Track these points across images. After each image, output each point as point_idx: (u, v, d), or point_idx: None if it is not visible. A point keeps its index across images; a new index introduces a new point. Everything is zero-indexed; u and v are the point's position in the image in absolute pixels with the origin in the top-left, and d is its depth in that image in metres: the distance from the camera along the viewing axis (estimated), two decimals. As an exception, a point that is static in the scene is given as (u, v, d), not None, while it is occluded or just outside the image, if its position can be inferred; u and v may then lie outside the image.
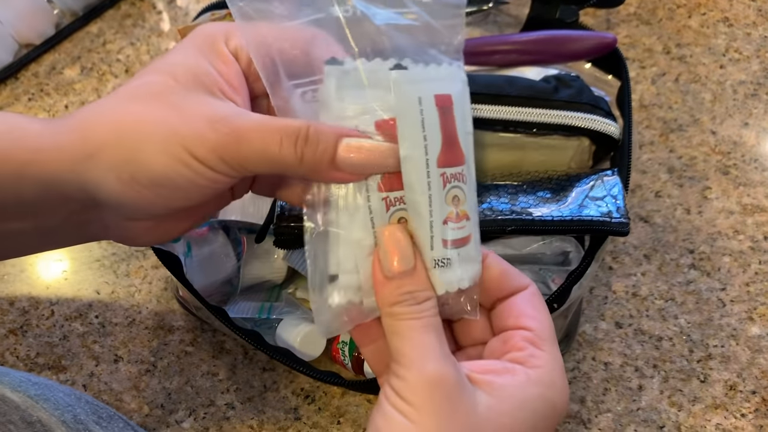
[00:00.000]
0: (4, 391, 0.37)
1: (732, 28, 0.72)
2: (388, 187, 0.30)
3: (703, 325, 0.57)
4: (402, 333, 0.29)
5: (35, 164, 0.28)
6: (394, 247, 0.29)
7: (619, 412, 0.53)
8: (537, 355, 0.30)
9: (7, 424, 0.35)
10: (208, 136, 0.28)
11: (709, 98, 0.68)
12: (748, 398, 0.54)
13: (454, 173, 0.30)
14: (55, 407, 0.37)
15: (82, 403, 0.40)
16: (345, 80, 0.29)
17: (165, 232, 0.33)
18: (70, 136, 0.29)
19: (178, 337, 0.57)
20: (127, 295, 0.59)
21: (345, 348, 0.49)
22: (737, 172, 0.63)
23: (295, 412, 0.53)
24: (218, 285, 0.51)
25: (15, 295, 0.59)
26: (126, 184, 0.29)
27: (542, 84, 0.49)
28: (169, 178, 0.28)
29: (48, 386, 0.39)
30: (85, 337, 0.57)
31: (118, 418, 0.41)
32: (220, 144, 0.28)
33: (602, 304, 0.58)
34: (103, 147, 0.28)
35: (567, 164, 0.50)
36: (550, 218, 0.43)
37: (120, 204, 0.30)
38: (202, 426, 0.53)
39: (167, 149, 0.28)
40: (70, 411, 0.38)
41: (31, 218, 0.31)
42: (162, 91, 0.29)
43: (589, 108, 0.48)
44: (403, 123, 0.29)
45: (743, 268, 0.59)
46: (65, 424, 0.37)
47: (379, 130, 0.29)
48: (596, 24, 0.72)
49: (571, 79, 0.49)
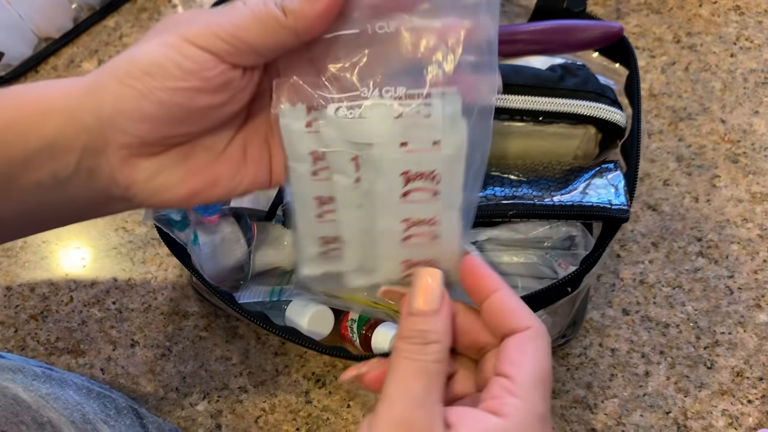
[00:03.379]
0: (17, 391, 0.38)
1: (743, 17, 0.72)
2: None
3: (711, 312, 0.57)
4: (395, 370, 0.29)
5: (60, 99, 0.29)
6: (426, 288, 0.30)
7: (626, 398, 0.54)
8: (510, 403, 0.29)
9: (20, 425, 0.36)
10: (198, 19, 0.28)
11: (719, 87, 0.68)
12: (755, 384, 0.54)
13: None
14: (65, 407, 0.38)
15: (92, 397, 0.41)
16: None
17: (166, 182, 0.31)
18: (89, 77, 0.29)
19: (192, 322, 0.58)
20: (143, 282, 0.60)
21: (353, 325, 0.50)
22: (747, 160, 0.63)
23: (306, 395, 0.54)
24: (229, 271, 0.52)
25: (36, 282, 0.61)
26: (121, 83, 0.28)
27: (548, 73, 0.50)
28: (157, 64, 0.27)
29: (60, 381, 0.40)
30: (102, 322, 0.59)
31: (127, 411, 0.42)
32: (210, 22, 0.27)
33: (610, 291, 0.58)
34: (112, 62, 0.29)
35: (573, 152, 0.51)
36: (551, 203, 0.44)
37: (117, 110, 0.28)
38: (215, 408, 0.54)
39: (163, 41, 0.28)
40: (79, 410, 0.39)
41: (49, 162, 0.30)
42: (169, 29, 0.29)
43: (595, 96, 0.49)
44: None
45: (751, 255, 0.59)
46: (74, 424, 0.38)
47: None
48: (606, 14, 0.72)
49: (577, 68, 0.50)
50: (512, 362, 0.30)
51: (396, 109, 0.29)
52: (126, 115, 0.29)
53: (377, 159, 0.30)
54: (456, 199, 0.31)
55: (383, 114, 0.29)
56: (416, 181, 0.31)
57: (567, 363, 0.55)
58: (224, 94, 0.29)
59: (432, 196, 0.31)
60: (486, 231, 0.49)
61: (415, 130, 0.30)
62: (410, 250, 0.32)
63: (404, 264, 0.33)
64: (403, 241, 0.32)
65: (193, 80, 0.28)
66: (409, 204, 0.31)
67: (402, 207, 0.31)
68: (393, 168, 0.30)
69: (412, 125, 0.29)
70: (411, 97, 0.29)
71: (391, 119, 0.29)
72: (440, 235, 0.32)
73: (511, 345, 0.31)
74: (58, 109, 0.29)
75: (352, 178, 0.31)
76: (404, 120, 0.29)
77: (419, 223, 0.32)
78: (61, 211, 0.33)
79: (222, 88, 0.29)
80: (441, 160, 0.30)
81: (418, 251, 0.32)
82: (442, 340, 0.30)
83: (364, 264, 0.34)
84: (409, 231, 0.32)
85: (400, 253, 0.32)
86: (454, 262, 0.33)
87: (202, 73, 0.28)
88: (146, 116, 0.29)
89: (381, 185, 0.31)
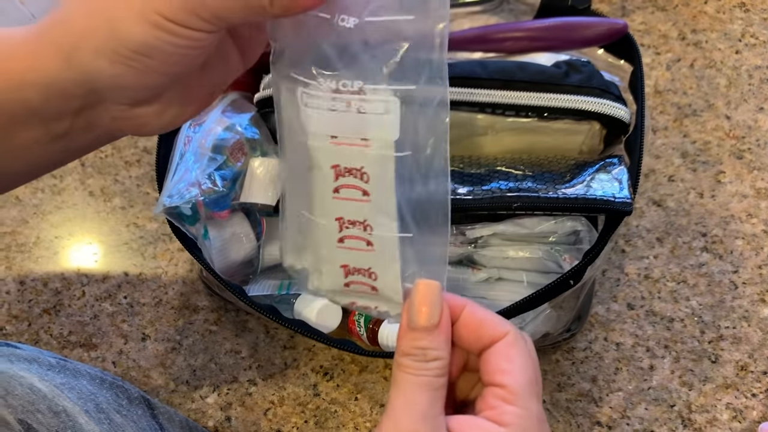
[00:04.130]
0: (33, 380, 0.39)
1: (748, 14, 0.73)
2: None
3: (715, 306, 0.57)
4: (399, 384, 0.30)
5: (32, 71, 0.29)
6: (425, 302, 0.30)
7: (630, 391, 0.54)
8: (508, 411, 0.30)
9: (36, 413, 0.37)
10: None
11: (724, 83, 0.68)
12: (759, 378, 0.54)
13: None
14: (78, 396, 0.39)
15: (105, 387, 0.42)
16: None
17: (175, 115, 0.33)
18: (53, 34, 0.30)
19: (202, 316, 0.59)
20: (154, 277, 0.61)
21: (361, 319, 0.51)
22: (751, 156, 0.64)
23: (315, 388, 0.55)
24: (239, 266, 0.53)
25: (48, 277, 0.62)
26: (114, 63, 0.29)
27: (553, 69, 0.50)
28: (148, 45, 0.28)
29: (74, 372, 0.41)
30: (114, 316, 0.60)
31: (139, 402, 0.43)
32: (199, 8, 0.28)
33: (615, 286, 0.59)
34: (84, 33, 0.29)
35: (578, 148, 0.51)
36: (555, 196, 0.44)
37: (116, 86, 0.30)
38: (225, 401, 0.55)
39: (140, 17, 0.28)
40: (93, 400, 0.40)
41: (41, 125, 0.31)
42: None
43: (599, 92, 0.49)
44: None
45: (756, 251, 0.59)
46: (87, 413, 0.39)
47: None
48: (611, 11, 0.73)
49: (582, 65, 0.51)
50: (503, 372, 0.31)
51: (332, 101, 0.30)
52: (128, 88, 0.30)
53: (311, 148, 0.31)
54: (388, 203, 0.31)
55: (320, 104, 0.30)
56: (347, 176, 0.31)
57: (572, 357, 0.56)
58: (210, 47, 0.30)
59: (362, 195, 0.31)
60: (491, 226, 0.50)
61: (347, 124, 0.30)
62: (346, 254, 0.32)
63: (344, 269, 0.32)
64: (339, 242, 0.32)
65: (187, 52, 0.29)
66: (341, 201, 0.31)
67: (334, 203, 0.31)
68: (324, 159, 0.31)
69: (344, 119, 0.30)
70: (349, 91, 0.29)
71: (326, 110, 0.30)
72: (374, 244, 0.32)
73: (494, 355, 0.31)
74: (35, 82, 0.29)
75: (305, 167, 0.32)
76: (337, 113, 0.30)
77: (352, 224, 0.31)
78: (64, 154, 0.35)
79: (209, 46, 0.30)
80: (370, 158, 0.30)
81: (354, 257, 0.32)
82: (443, 355, 0.31)
83: (317, 265, 0.34)
84: (343, 232, 0.32)
85: (339, 256, 0.32)
86: (392, 279, 0.32)
87: (194, 45, 0.29)
88: (148, 86, 0.30)
89: (316, 176, 0.31)
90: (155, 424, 0.42)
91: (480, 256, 0.51)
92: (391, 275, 0.32)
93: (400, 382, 0.30)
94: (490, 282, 0.51)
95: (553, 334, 0.53)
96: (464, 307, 0.32)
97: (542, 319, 0.51)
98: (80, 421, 0.37)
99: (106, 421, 0.38)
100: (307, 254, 0.34)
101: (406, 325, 0.31)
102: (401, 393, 0.30)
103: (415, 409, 0.29)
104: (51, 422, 0.36)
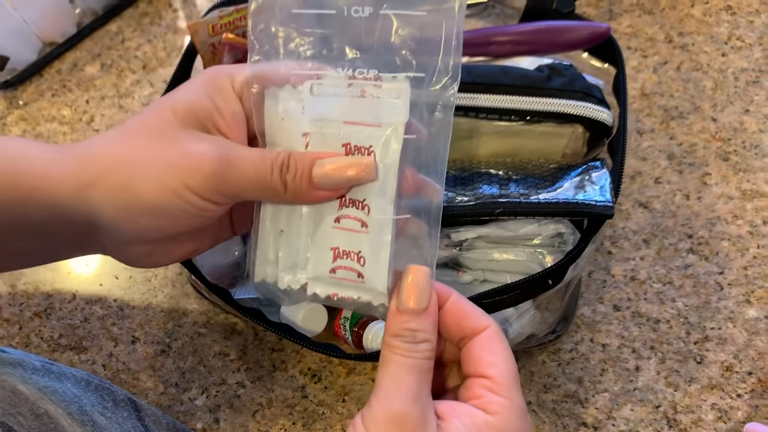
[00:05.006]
0: (16, 384, 0.39)
1: (735, 17, 0.73)
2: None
3: (701, 308, 0.58)
4: (388, 365, 0.31)
5: (42, 190, 0.31)
6: (415, 287, 0.31)
7: (616, 392, 0.55)
8: (494, 401, 0.31)
9: (17, 416, 0.38)
10: (202, 167, 0.30)
11: (711, 86, 0.69)
12: (744, 379, 0.55)
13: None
14: (62, 399, 0.40)
15: (90, 389, 0.42)
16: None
17: (162, 256, 0.36)
18: (72, 163, 0.32)
19: (191, 319, 0.60)
20: (144, 280, 0.62)
21: (346, 323, 0.52)
22: (737, 158, 0.64)
23: (303, 390, 0.56)
24: (226, 268, 0.53)
25: (39, 280, 0.62)
26: (122, 212, 0.31)
27: (535, 73, 0.51)
28: (161, 207, 0.31)
29: (59, 375, 0.41)
30: (104, 319, 0.60)
31: (125, 404, 0.43)
32: (214, 174, 0.30)
33: (601, 288, 0.59)
34: (102, 177, 0.31)
35: (562, 151, 0.52)
36: (537, 201, 0.45)
37: (117, 229, 0.32)
38: (214, 403, 0.56)
39: (161, 180, 0.31)
40: (76, 402, 0.40)
41: (38, 238, 0.34)
42: (158, 126, 0.32)
43: (582, 96, 0.50)
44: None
45: (741, 252, 0.60)
46: (71, 415, 0.39)
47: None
48: (599, 14, 0.73)
49: (564, 68, 0.51)
50: (488, 364, 0.32)
51: (349, 87, 0.32)
52: (124, 234, 0.33)
53: (327, 134, 0.32)
54: (389, 186, 0.33)
55: (336, 92, 0.32)
56: (355, 154, 0.32)
57: (558, 358, 0.56)
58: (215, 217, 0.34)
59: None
60: (476, 229, 0.50)
61: (361, 106, 0.32)
62: (339, 235, 0.33)
63: (333, 251, 0.33)
64: (335, 222, 0.33)
65: (193, 218, 0.32)
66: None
67: None
68: (333, 142, 0.32)
69: (359, 102, 0.32)
70: (365, 78, 0.32)
71: (342, 97, 0.32)
72: (369, 225, 0.33)
73: (478, 346, 0.32)
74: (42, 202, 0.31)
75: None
76: (352, 97, 0.32)
77: (353, 203, 0.33)
78: (46, 261, 0.38)
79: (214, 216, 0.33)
80: (380, 139, 0.32)
81: (347, 238, 0.33)
82: (431, 338, 0.31)
83: (296, 259, 0.35)
84: (342, 210, 0.33)
85: (332, 237, 0.33)
86: (381, 265, 0.33)
87: (202, 214, 0.32)
88: (144, 239, 0.33)
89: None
90: (140, 426, 0.42)
91: (465, 259, 0.51)
92: (381, 261, 0.33)
93: (390, 363, 0.31)
94: (475, 284, 0.52)
95: (538, 336, 0.53)
96: (450, 296, 0.33)
97: (527, 320, 0.52)
98: (63, 423, 0.38)
99: (89, 423, 0.39)
100: (282, 253, 0.35)
101: (396, 308, 0.32)
102: (390, 373, 0.31)
103: (406, 390, 0.30)
104: (32, 425, 0.37)
